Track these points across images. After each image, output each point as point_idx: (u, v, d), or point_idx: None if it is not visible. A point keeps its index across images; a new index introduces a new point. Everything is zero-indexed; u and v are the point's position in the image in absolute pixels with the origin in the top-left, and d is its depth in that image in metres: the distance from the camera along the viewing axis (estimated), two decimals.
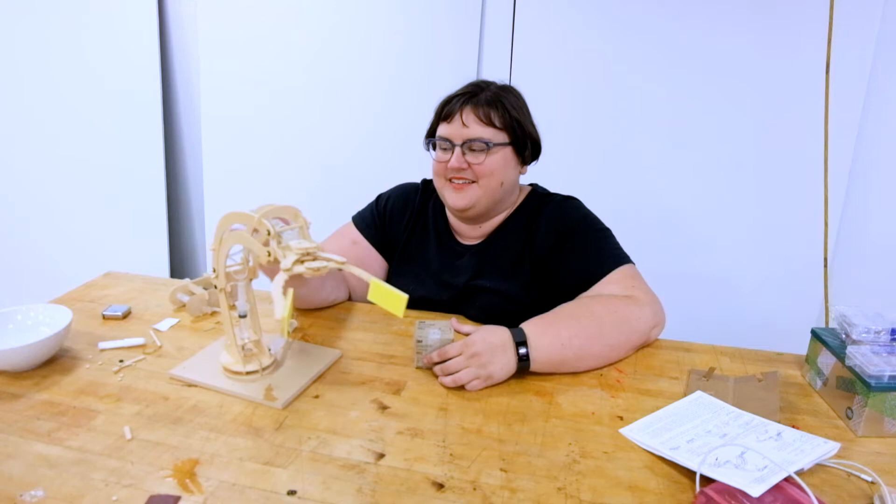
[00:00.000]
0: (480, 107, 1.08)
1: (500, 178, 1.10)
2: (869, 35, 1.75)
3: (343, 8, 2.02)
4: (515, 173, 1.15)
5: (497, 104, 1.09)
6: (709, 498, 0.65)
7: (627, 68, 1.90)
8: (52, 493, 0.67)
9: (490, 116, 1.08)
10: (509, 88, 1.14)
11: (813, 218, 1.86)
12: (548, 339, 0.92)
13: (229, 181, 2.23)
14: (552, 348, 0.92)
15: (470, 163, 1.08)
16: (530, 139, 1.13)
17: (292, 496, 0.68)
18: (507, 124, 1.09)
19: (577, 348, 0.93)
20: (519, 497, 0.68)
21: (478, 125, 1.08)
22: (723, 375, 0.95)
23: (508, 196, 1.16)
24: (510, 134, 1.10)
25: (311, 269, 0.76)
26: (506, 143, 1.10)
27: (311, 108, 2.12)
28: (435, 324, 0.96)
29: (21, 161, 2.31)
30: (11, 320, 0.98)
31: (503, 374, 0.90)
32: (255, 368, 0.90)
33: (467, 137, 1.08)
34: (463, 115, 1.08)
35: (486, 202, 1.12)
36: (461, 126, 1.08)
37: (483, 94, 1.09)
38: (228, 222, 0.84)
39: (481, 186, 1.10)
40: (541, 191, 1.23)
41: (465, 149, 1.08)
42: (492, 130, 1.08)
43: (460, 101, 1.09)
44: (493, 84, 1.14)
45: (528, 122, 1.14)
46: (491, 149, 1.08)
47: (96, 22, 2.15)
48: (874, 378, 0.79)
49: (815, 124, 1.80)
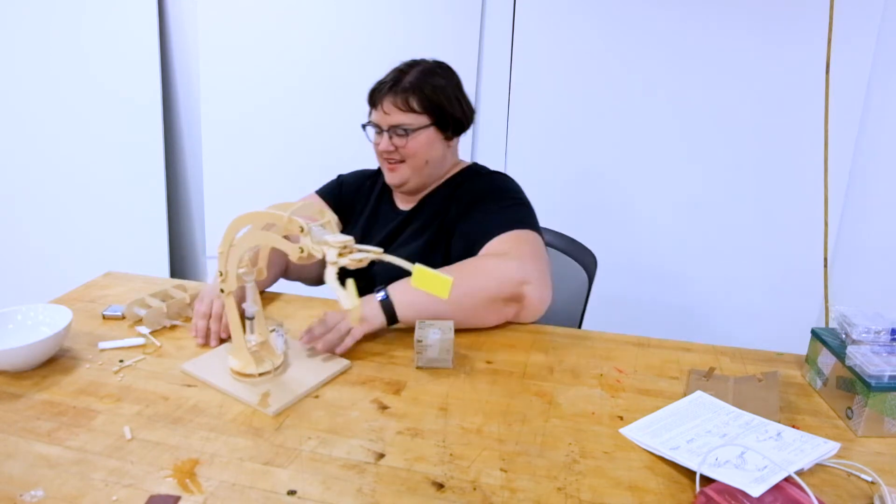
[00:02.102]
0: (399, 94, 1.15)
1: (424, 157, 1.20)
2: (869, 35, 1.75)
3: (343, 8, 2.02)
4: (441, 149, 1.22)
5: (416, 89, 1.15)
6: (709, 498, 0.65)
7: (627, 68, 1.91)
8: (52, 493, 0.67)
9: (409, 102, 1.15)
10: (433, 70, 1.19)
11: (813, 218, 1.86)
12: (402, 286, 1.02)
13: (229, 181, 2.23)
14: (409, 292, 1.01)
15: (396, 146, 1.18)
16: (452, 117, 1.20)
17: (292, 496, 0.67)
18: (427, 107, 1.16)
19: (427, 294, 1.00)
20: (519, 497, 0.68)
21: (398, 112, 1.16)
22: (723, 375, 0.95)
23: (438, 169, 1.25)
24: (431, 116, 1.17)
25: (353, 260, 0.78)
26: (427, 125, 1.17)
27: (311, 109, 2.12)
28: (435, 323, 0.96)
29: (21, 161, 2.31)
30: (11, 320, 0.98)
31: (374, 320, 1.00)
32: (268, 369, 0.90)
33: (390, 124, 1.17)
34: (384, 104, 1.16)
35: (417, 178, 1.22)
36: (384, 114, 1.17)
37: (405, 80, 1.16)
38: (242, 224, 0.84)
39: (409, 165, 1.20)
40: (478, 168, 1.31)
41: (391, 133, 1.17)
42: (412, 115, 1.16)
43: (383, 90, 1.17)
44: (420, 65, 1.19)
45: (451, 100, 1.19)
46: (410, 133, 1.16)
47: (96, 22, 2.15)
48: (874, 378, 0.79)
49: (815, 124, 1.80)
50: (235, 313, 0.89)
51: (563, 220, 2.05)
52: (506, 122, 2.02)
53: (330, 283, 0.76)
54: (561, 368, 0.97)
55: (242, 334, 0.90)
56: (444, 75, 1.20)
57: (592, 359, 1.01)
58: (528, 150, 2.03)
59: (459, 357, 0.99)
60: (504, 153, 2.05)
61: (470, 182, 1.24)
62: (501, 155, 2.05)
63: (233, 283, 0.87)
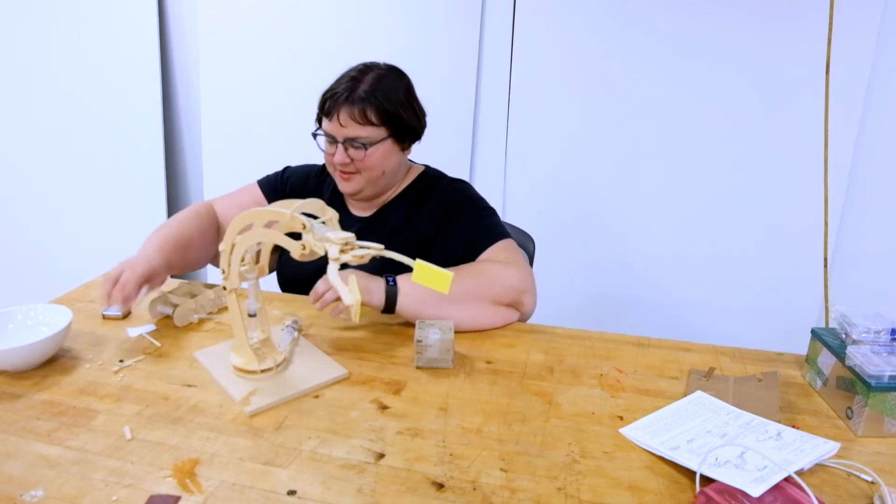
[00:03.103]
0: (356, 105, 1.10)
1: (381, 169, 1.16)
2: (869, 35, 1.75)
3: (343, 8, 2.02)
4: (397, 159, 1.19)
5: (372, 100, 1.10)
6: (709, 498, 0.65)
7: (627, 68, 1.91)
8: (52, 493, 0.67)
9: (366, 115, 1.10)
10: (386, 77, 1.14)
11: (813, 218, 1.86)
12: (410, 279, 1.02)
13: (229, 181, 2.22)
14: (417, 287, 0.99)
15: (353, 158, 1.13)
16: (409, 127, 1.16)
17: (292, 496, 0.68)
18: (384, 119, 1.12)
19: None
20: (519, 497, 0.68)
21: (355, 125, 1.11)
22: (723, 375, 0.95)
23: (393, 178, 1.22)
24: (388, 128, 1.13)
25: (355, 256, 0.79)
26: (385, 138, 1.14)
27: (310, 108, 2.12)
28: (435, 324, 0.96)
29: (21, 161, 2.31)
30: (11, 320, 0.98)
31: (373, 298, 1.01)
32: (270, 366, 0.90)
33: (346, 136, 1.12)
34: (340, 116, 1.10)
35: (372, 188, 1.19)
36: (339, 126, 1.11)
37: (359, 90, 1.10)
38: (244, 221, 0.84)
39: (364, 177, 1.16)
40: (432, 173, 1.28)
41: (347, 145, 1.12)
42: (369, 128, 1.11)
43: (338, 100, 1.10)
44: (373, 72, 1.14)
45: (407, 109, 1.15)
46: (369, 147, 1.12)
47: (96, 22, 2.15)
48: (874, 378, 0.79)
49: (815, 124, 1.80)
50: (237, 310, 0.89)
51: (564, 219, 2.05)
52: (506, 123, 2.02)
53: (332, 279, 0.77)
54: (561, 368, 0.97)
55: (245, 331, 0.90)
56: (398, 82, 1.16)
57: (592, 359, 1.01)
58: (528, 150, 2.03)
59: (459, 357, 0.99)
60: (504, 153, 2.05)
61: (436, 191, 1.22)
62: (501, 155, 2.05)
63: (235, 281, 0.87)
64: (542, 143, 2.01)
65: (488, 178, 2.07)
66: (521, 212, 2.06)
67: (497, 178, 2.07)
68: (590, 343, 1.06)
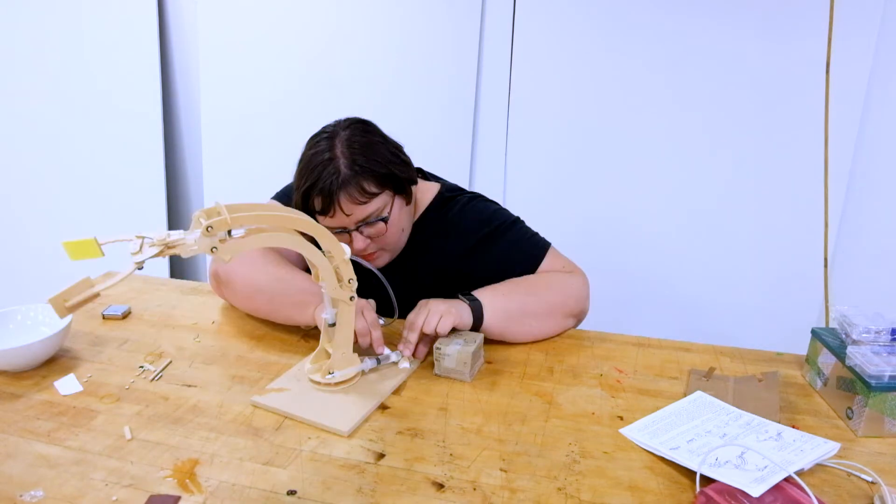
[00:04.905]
0: (351, 187, 0.97)
1: (400, 227, 1.07)
2: (869, 35, 1.74)
3: (343, 8, 2.02)
4: (408, 210, 1.10)
5: (361, 171, 0.97)
6: (709, 498, 0.65)
7: (627, 68, 1.90)
8: (52, 493, 0.67)
9: (365, 190, 0.98)
10: (355, 138, 1.01)
11: (813, 218, 1.86)
12: (489, 292, 1.02)
13: (229, 181, 2.23)
14: (496, 300, 1.00)
15: (373, 236, 1.04)
16: (405, 177, 1.05)
17: (292, 496, 0.68)
18: (382, 183, 1.00)
19: (519, 302, 1.03)
20: (519, 497, 0.68)
21: (359, 207, 0.99)
22: (723, 375, 0.95)
23: (410, 227, 1.13)
24: (389, 189, 1.02)
25: None
26: (390, 201, 1.03)
27: (311, 109, 2.12)
28: (463, 334, 0.95)
29: (21, 161, 2.31)
30: (11, 320, 0.98)
31: (463, 316, 0.96)
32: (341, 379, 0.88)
33: (357, 220, 1.01)
34: (342, 206, 0.98)
35: (397, 249, 1.12)
36: (344, 216, 0.99)
37: (342, 169, 0.97)
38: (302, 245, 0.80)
39: (389, 249, 1.09)
40: (447, 193, 1.18)
41: (362, 228, 1.02)
42: (374, 201, 1.00)
43: (331, 192, 0.96)
44: (338, 140, 1.00)
45: (395, 161, 1.03)
46: (386, 220, 1.03)
47: (96, 22, 2.15)
48: (874, 378, 0.79)
49: (815, 124, 1.80)
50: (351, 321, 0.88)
51: (564, 219, 2.05)
52: (506, 123, 2.02)
53: None
54: (561, 368, 0.97)
55: (351, 342, 0.89)
56: (370, 137, 1.03)
57: (592, 359, 1.01)
58: (528, 150, 2.02)
59: None
60: (504, 153, 2.05)
61: (454, 214, 1.14)
62: (501, 156, 2.05)
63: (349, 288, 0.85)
64: (541, 144, 2.01)
65: (488, 179, 2.07)
66: (521, 212, 2.03)
67: (497, 179, 2.07)
68: (590, 343, 1.06)
